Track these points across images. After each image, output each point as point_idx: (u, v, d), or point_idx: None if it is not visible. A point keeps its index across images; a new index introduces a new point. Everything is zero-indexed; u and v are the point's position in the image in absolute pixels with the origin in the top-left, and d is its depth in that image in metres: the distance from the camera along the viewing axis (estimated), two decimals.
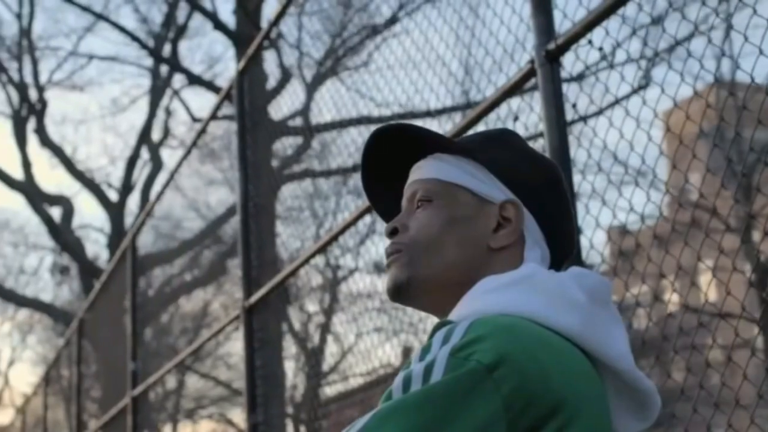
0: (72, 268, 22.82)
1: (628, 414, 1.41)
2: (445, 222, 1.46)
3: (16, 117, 22.14)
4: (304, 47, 6.51)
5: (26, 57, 22.03)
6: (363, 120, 5.45)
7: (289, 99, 6.67)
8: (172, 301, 10.40)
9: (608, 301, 1.41)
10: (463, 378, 1.19)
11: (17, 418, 20.16)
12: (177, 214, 9.37)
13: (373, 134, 1.53)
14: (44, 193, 22.01)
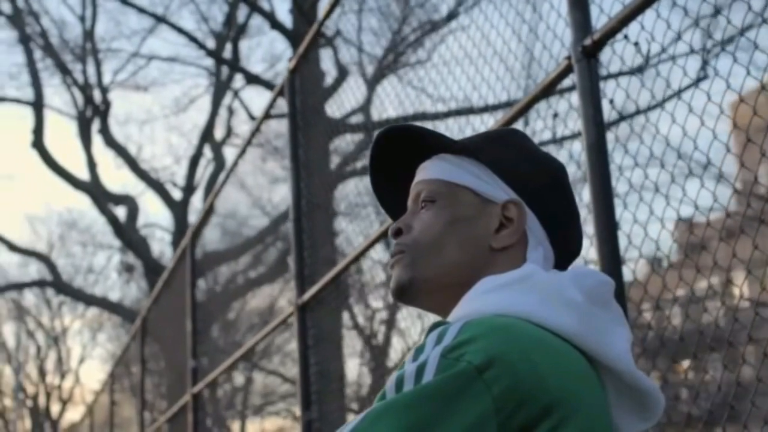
0: (137, 267, 23.06)
1: (630, 414, 1.40)
2: (446, 222, 1.46)
3: (81, 118, 22.41)
4: (363, 44, 6.50)
5: (90, 59, 22.29)
6: (418, 116, 5.46)
7: (346, 96, 6.68)
8: (237, 298, 10.47)
9: (609, 300, 1.41)
10: (453, 378, 1.19)
11: (86, 415, 20.42)
12: (241, 211, 9.42)
13: (379, 134, 1.54)
14: (109, 193, 22.25)
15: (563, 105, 3.31)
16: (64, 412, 37.17)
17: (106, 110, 22.21)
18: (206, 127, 22.09)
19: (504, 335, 1.24)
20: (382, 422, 1.18)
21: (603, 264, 2.75)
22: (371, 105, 6.23)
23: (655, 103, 3.59)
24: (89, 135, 22.30)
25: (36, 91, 22.24)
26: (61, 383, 37.26)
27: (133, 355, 12.38)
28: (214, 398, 8.95)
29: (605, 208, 2.80)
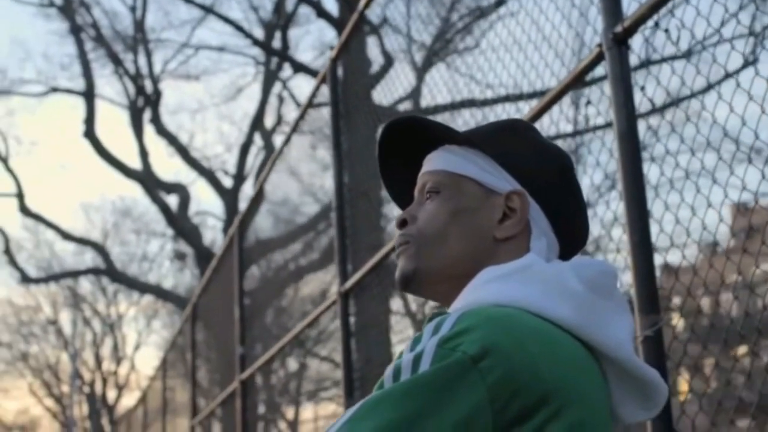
0: (189, 255, 23.24)
1: (632, 403, 1.41)
2: (450, 213, 1.47)
3: (133, 107, 22.60)
4: (411, 31, 6.49)
5: (140, 49, 22.47)
6: (466, 103, 5.45)
7: (393, 83, 6.68)
8: (288, 284, 10.52)
9: (611, 290, 1.41)
10: (448, 368, 1.20)
11: (140, 401, 20.63)
12: (293, 199, 9.45)
13: (386, 126, 1.55)
14: (161, 182, 22.43)
15: (596, 93, 3.31)
16: (120, 398, 37.59)
17: (157, 100, 22.39)
18: (256, 115, 22.20)
19: (500, 325, 1.25)
20: (378, 411, 1.19)
21: (634, 252, 2.75)
22: (419, 92, 6.22)
23: (705, 87, 3.57)
24: (141, 124, 22.50)
25: (87, 82, 22.49)
26: (116, 369, 37.66)
27: (185, 341, 12.49)
28: (268, 384, 9.01)
29: (636, 196, 2.80)
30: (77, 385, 36.15)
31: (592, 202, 4.45)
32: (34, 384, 38.62)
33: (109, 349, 37.59)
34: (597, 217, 3.44)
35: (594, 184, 3.76)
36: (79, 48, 22.38)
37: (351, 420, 1.20)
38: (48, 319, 36.73)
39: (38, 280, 28.89)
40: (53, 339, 37.55)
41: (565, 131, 3.77)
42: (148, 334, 38.10)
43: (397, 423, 1.17)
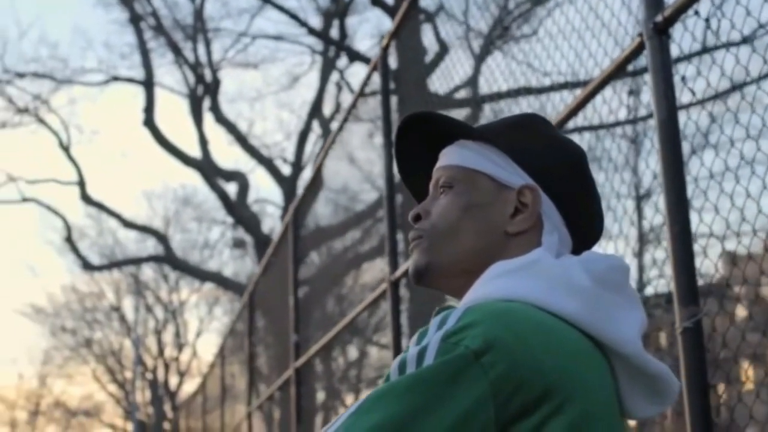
0: (248, 242, 23.39)
1: (642, 397, 1.41)
2: (463, 208, 1.48)
3: (192, 96, 22.77)
4: (468, 18, 6.47)
5: (200, 38, 22.61)
6: (523, 91, 5.42)
7: (448, 71, 6.66)
8: (346, 272, 10.56)
9: (622, 284, 1.42)
10: (451, 363, 1.21)
11: (200, 388, 20.83)
12: (352, 186, 9.47)
13: (401, 121, 1.57)
14: (220, 170, 22.58)
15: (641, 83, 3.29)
16: (181, 384, 37.97)
17: (216, 88, 22.53)
18: (314, 103, 22.26)
19: (503, 320, 1.26)
20: (382, 404, 1.21)
21: (674, 243, 2.74)
22: (476, 80, 6.20)
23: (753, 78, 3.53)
24: (200, 113, 22.65)
25: (147, 71, 22.68)
26: (178, 356, 38.04)
27: (243, 329, 12.58)
28: (328, 371, 9.05)
29: (676, 186, 2.79)
30: (140, 372, 36.57)
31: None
32: (97, 370, 39.16)
33: (171, 335, 38.00)
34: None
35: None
36: (138, 37, 22.61)
37: (356, 413, 1.22)
38: (111, 306, 37.20)
39: (100, 267, 29.25)
40: (117, 325, 38.05)
41: (607, 121, 3.74)
42: (209, 320, 38.45)
43: (400, 416, 1.19)
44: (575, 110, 3.56)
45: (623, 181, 3.60)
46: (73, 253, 25.81)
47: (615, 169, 3.62)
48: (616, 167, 3.63)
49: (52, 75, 23.57)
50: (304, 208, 8.89)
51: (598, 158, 3.82)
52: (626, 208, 3.47)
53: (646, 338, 1.66)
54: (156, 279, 35.23)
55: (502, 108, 5.45)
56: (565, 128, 3.86)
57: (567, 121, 3.68)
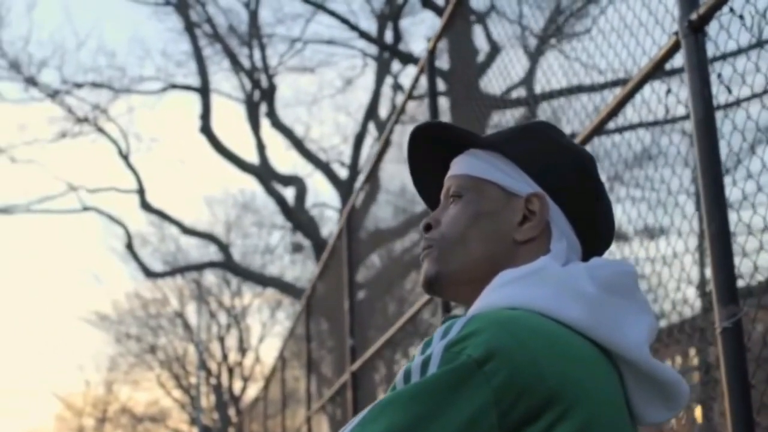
0: (307, 247, 23.46)
1: (652, 403, 1.41)
2: (471, 217, 1.50)
3: (249, 102, 22.91)
4: (521, 16, 6.44)
5: (255, 44, 22.75)
6: (574, 89, 5.39)
7: (502, 71, 6.64)
8: (403, 275, 10.56)
9: (630, 290, 1.42)
10: (453, 372, 1.23)
11: (262, 392, 20.93)
12: (410, 188, 9.46)
13: (412, 132, 1.59)
14: (278, 174, 22.68)
15: (676, 82, 3.27)
16: (245, 389, 38.16)
17: (272, 93, 22.64)
18: (370, 105, 22.30)
19: (506, 328, 1.26)
20: (386, 414, 1.22)
21: (712, 242, 2.72)
22: (531, 78, 6.17)
23: None
24: (257, 118, 22.78)
25: (202, 78, 22.85)
26: (242, 361, 38.24)
27: (301, 333, 12.64)
28: (389, 374, 9.06)
29: (714, 185, 2.77)
30: (204, 377, 36.82)
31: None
32: (162, 376, 39.46)
33: (234, 340, 38.20)
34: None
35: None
36: (194, 45, 22.78)
37: (361, 422, 1.24)
38: (175, 312, 37.48)
39: (160, 274, 29.49)
40: (180, 331, 38.30)
41: (647, 120, 3.72)
42: (272, 325, 38.57)
43: (403, 425, 1.21)
44: (615, 110, 3.54)
45: (677, 176, 3.57)
46: (134, 260, 26.07)
47: (669, 166, 3.59)
48: (670, 163, 3.60)
49: (110, 84, 23.86)
50: (359, 212, 8.91)
51: (656, 155, 3.78)
52: (681, 205, 3.44)
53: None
54: (219, 284, 35.46)
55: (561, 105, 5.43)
56: (607, 128, 3.85)
57: (607, 122, 3.66)
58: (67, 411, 42.88)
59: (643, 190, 3.87)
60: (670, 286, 3.57)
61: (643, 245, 3.64)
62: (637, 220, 3.63)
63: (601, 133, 3.98)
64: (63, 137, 23.86)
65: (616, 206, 4.19)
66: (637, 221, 3.63)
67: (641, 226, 3.64)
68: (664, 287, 3.62)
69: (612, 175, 4.09)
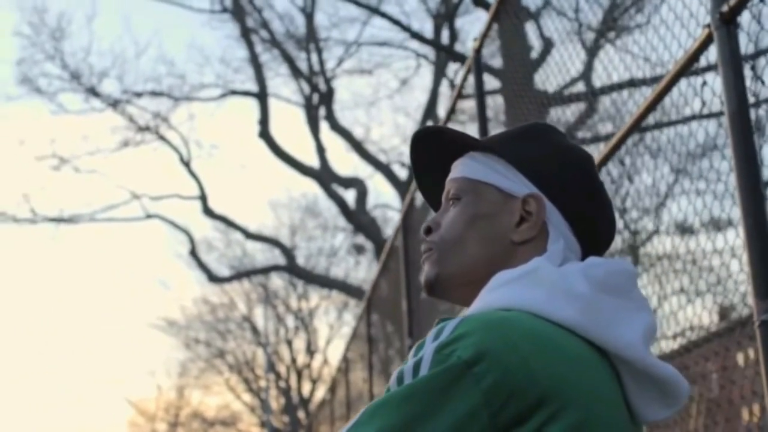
0: (368, 249, 23.49)
1: (651, 401, 1.41)
2: (469, 219, 1.52)
3: (308, 105, 23.00)
4: (577, 12, 6.41)
5: (312, 48, 22.83)
6: (636, 82, 5.34)
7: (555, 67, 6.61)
8: None
9: (625, 288, 1.42)
10: (443, 373, 1.24)
11: (328, 394, 21.01)
12: None
13: (413, 136, 1.62)
14: (338, 177, 22.75)
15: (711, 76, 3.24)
16: (314, 391, 38.30)
17: (331, 96, 22.72)
18: (428, 106, 22.29)
19: (496, 329, 1.27)
20: (378, 417, 1.24)
21: (749, 235, 2.70)
22: (590, 73, 6.14)
23: None
24: (317, 122, 22.86)
25: (260, 83, 22.97)
26: (310, 363, 38.39)
27: (362, 334, 12.68)
28: None
29: (750, 177, 2.75)
30: (272, 380, 37.02)
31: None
32: (231, 379, 39.74)
33: (302, 343, 38.36)
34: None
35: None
36: (250, 51, 22.92)
37: (355, 425, 1.26)
38: (243, 316, 37.73)
39: (225, 279, 29.68)
40: (249, 335, 38.55)
41: (684, 115, 3.69)
42: (339, 326, 38.68)
43: (394, 427, 1.22)
44: (652, 105, 3.53)
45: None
46: (198, 266, 26.26)
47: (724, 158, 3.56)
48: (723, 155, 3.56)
49: (169, 93, 24.06)
50: (417, 211, 8.92)
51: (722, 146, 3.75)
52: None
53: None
54: (285, 287, 35.64)
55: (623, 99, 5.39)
56: (646, 124, 3.83)
57: (646, 117, 3.64)
58: (140, 416, 43.35)
59: (708, 182, 3.83)
60: (740, 278, 3.54)
61: (710, 237, 3.62)
62: (702, 212, 3.60)
63: (640, 130, 3.96)
64: (125, 146, 24.13)
65: (681, 198, 4.16)
66: (702, 213, 3.60)
67: (707, 218, 3.61)
68: (734, 280, 3.59)
69: (678, 167, 4.08)
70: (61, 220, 24.09)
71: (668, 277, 5.45)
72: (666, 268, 5.94)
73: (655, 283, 5.14)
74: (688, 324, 4.91)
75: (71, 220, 24.12)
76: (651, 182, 4.41)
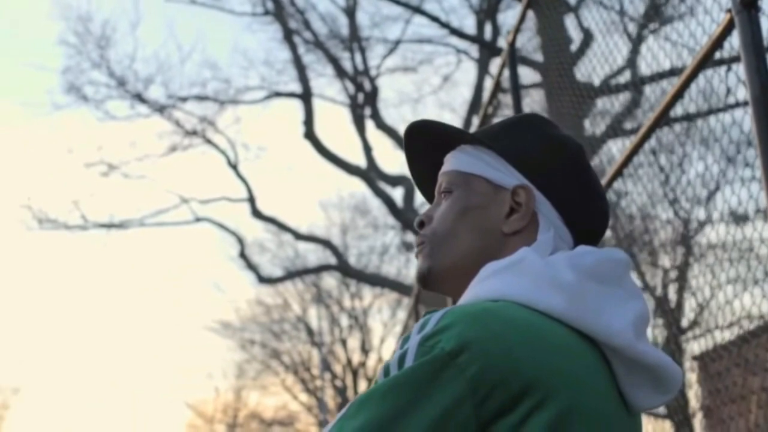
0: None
1: (642, 389, 1.41)
2: (460, 211, 1.53)
3: (353, 105, 23.01)
4: (622, 5, 6.37)
5: (355, 47, 22.82)
6: (676, 71, 5.29)
7: (597, 59, 6.57)
8: None
9: (616, 276, 1.43)
10: (427, 365, 1.25)
11: None
12: None
13: (405, 130, 1.63)
14: (385, 175, 22.73)
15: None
16: None
17: (375, 95, 22.71)
18: (473, 101, 22.22)
19: (479, 320, 1.28)
20: (363, 410, 1.25)
21: None
22: (635, 62, 6.10)
23: None
24: (362, 121, 22.84)
25: (303, 84, 22.99)
26: (365, 361, 38.41)
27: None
28: None
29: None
30: (328, 379, 37.08)
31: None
32: (287, 380, 39.87)
33: (356, 342, 38.37)
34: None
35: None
36: (293, 52, 22.95)
37: (342, 418, 1.27)
38: (297, 317, 37.81)
39: (274, 279, 29.74)
40: (303, 335, 38.63)
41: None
42: (393, 325, 38.67)
43: (380, 420, 1.23)
44: (677, 94, 3.51)
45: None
46: (247, 267, 26.29)
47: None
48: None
49: (215, 97, 24.13)
50: None
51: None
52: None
53: None
54: (338, 287, 35.66)
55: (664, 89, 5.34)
56: (674, 113, 3.80)
57: (673, 106, 3.63)
58: (199, 418, 43.66)
59: (752, 169, 3.81)
60: None
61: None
62: (758, 197, 3.58)
63: (666, 123, 3.94)
64: (173, 151, 24.21)
65: (731, 185, 4.13)
66: (758, 198, 3.58)
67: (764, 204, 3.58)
68: None
69: (730, 155, 4.06)
70: (112, 226, 24.22)
71: (722, 266, 5.38)
72: (720, 257, 5.88)
73: (707, 273, 5.11)
74: (744, 313, 4.86)
75: (121, 226, 24.25)
76: (699, 171, 4.38)
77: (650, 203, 5.95)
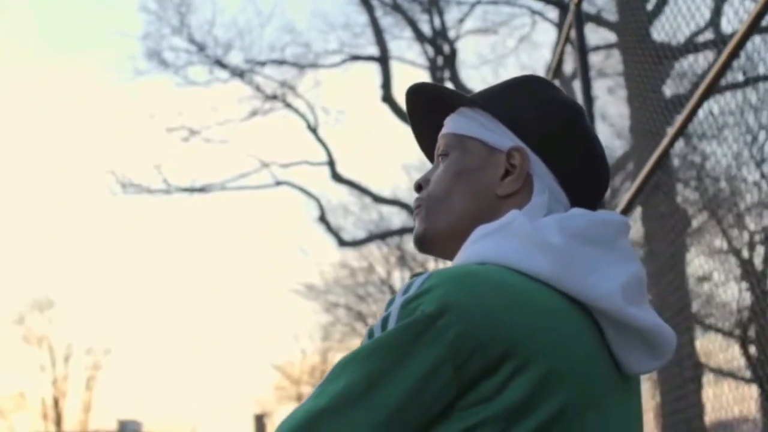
0: None
1: (636, 352, 1.39)
2: (455, 174, 1.53)
3: (432, 68, 22.96)
4: None
5: (434, 9, 22.73)
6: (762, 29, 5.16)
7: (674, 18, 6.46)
8: None
9: (609, 239, 1.41)
10: (408, 328, 1.25)
11: None
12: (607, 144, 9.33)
13: (406, 93, 1.62)
14: None
15: None
16: None
17: (454, 57, 22.63)
18: (556, 63, 22.01)
19: (461, 283, 1.28)
20: (345, 372, 1.26)
21: None
22: (718, 21, 5.98)
23: None
24: (442, 83, 22.77)
25: (381, 47, 22.97)
26: None
27: None
28: None
29: None
30: None
31: None
32: None
33: None
34: None
35: None
36: (370, 15, 22.91)
37: (325, 381, 1.28)
38: (381, 279, 38.03)
39: (354, 243, 29.86)
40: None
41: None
42: None
43: (361, 382, 1.24)
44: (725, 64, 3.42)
45: None
46: (328, 231, 26.44)
47: None
48: None
49: (295, 61, 24.21)
50: None
51: None
52: None
53: None
54: None
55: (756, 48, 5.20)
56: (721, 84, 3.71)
57: (721, 77, 3.54)
58: (285, 380, 44.17)
59: None
60: None
61: None
62: None
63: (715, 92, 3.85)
64: (253, 115, 24.35)
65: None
66: None
67: None
68: None
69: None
70: (194, 190, 24.49)
71: None
72: None
73: None
74: None
75: (203, 190, 24.50)
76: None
77: (736, 165, 5.83)
